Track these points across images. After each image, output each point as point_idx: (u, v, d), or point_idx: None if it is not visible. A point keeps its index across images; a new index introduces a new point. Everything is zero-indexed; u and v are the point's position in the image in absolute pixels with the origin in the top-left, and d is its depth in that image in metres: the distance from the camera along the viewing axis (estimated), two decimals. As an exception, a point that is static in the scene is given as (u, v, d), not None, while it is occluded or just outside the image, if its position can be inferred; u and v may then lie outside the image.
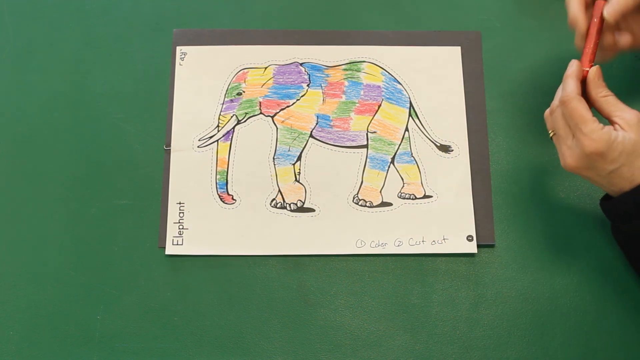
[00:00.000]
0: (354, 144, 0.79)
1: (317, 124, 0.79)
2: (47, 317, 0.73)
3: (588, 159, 0.66)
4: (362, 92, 0.80)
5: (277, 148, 0.78)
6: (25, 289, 0.74)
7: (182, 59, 0.81)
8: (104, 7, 0.83)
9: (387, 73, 0.80)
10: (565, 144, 0.67)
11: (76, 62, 0.81)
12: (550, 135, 0.70)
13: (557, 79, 0.81)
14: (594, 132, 0.64)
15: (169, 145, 0.78)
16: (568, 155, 0.67)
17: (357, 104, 0.79)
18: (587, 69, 0.68)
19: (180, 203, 0.76)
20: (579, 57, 0.77)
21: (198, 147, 0.78)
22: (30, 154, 0.78)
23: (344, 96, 0.80)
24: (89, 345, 0.72)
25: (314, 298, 0.74)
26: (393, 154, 0.78)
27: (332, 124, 0.79)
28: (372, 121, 0.79)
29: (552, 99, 0.80)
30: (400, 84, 0.80)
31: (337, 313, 0.74)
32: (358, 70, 0.80)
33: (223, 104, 0.79)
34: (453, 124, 0.79)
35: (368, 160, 0.78)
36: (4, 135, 0.78)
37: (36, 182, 0.77)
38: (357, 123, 0.79)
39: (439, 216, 0.76)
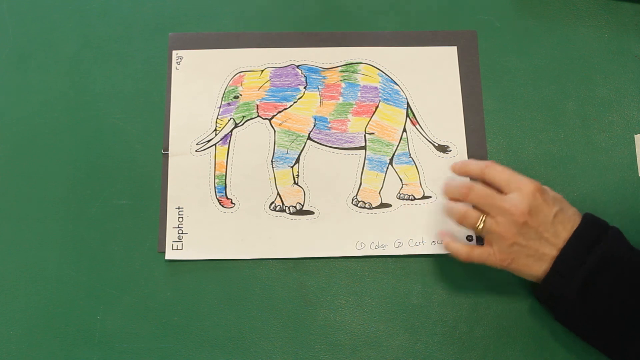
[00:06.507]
0: (352, 145, 0.78)
1: (314, 126, 0.79)
2: (47, 317, 0.73)
3: (534, 199, 0.68)
4: (359, 94, 0.80)
5: (275, 151, 0.78)
6: (25, 289, 0.74)
7: (178, 63, 0.80)
8: (104, 7, 0.83)
9: (383, 74, 0.80)
10: (503, 201, 0.69)
11: (76, 62, 0.81)
12: (480, 224, 0.70)
13: (556, 78, 0.81)
14: (526, 178, 0.69)
15: (166, 149, 0.78)
16: (513, 207, 0.68)
17: (355, 106, 0.79)
18: None
19: (179, 208, 0.76)
20: (577, 61, 0.77)
21: (196, 151, 0.78)
22: (30, 154, 0.78)
23: (341, 98, 0.79)
24: (89, 345, 0.72)
25: (314, 298, 0.74)
26: (391, 155, 0.78)
27: (329, 125, 0.79)
28: (370, 122, 0.79)
29: (550, 98, 0.81)
30: (397, 84, 0.80)
31: (337, 313, 0.74)
32: (354, 72, 0.80)
33: (220, 107, 0.79)
34: (451, 124, 0.79)
35: (366, 161, 0.78)
36: (4, 135, 0.78)
37: (36, 182, 0.77)
38: (355, 124, 0.79)
39: (439, 216, 0.76)
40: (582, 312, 0.67)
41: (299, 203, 0.77)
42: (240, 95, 0.80)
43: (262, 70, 0.80)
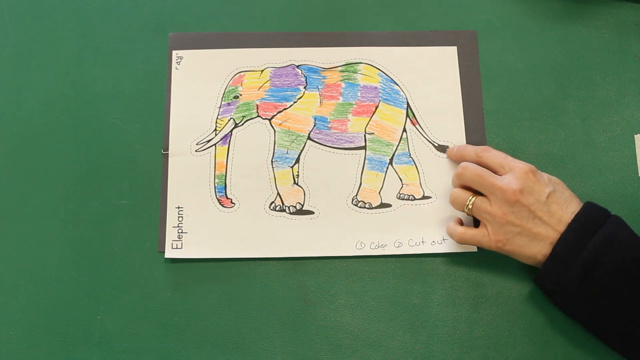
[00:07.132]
0: (352, 145, 0.78)
1: (314, 126, 0.79)
2: (47, 317, 0.73)
3: (527, 178, 0.69)
4: (359, 94, 0.80)
5: (275, 151, 0.78)
6: (25, 289, 0.74)
7: (178, 62, 0.80)
8: (104, 7, 0.83)
9: (383, 74, 0.80)
10: (496, 179, 0.69)
11: (76, 62, 0.81)
12: (469, 204, 0.71)
13: (556, 78, 0.81)
14: (519, 161, 0.71)
15: (166, 149, 0.78)
16: (505, 185, 0.68)
17: (355, 106, 0.79)
18: None
19: (179, 207, 0.76)
20: (577, 61, 0.77)
21: (196, 151, 0.78)
22: (30, 154, 0.78)
23: (341, 98, 0.79)
24: (89, 345, 0.72)
25: (314, 298, 0.74)
26: (391, 155, 0.78)
27: (329, 125, 0.79)
28: (370, 122, 0.79)
29: (550, 98, 0.81)
30: (397, 84, 0.80)
31: (337, 313, 0.74)
32: (354, 72, 0.80)
33: (220, 107, 0.79)
34: (451, 124, 0.79)
35: (366, 161, 0.78)
36: (4, 135, 0.78)
37: (36, 182, 0.77)
38: (355, 124, 0.79)
39: (439, 217, 0.76)
40: (582, 297, 0.67)
41: (299, 203, 0.77)
42: (240, 95, 0.80)
43: (262, 70, 0.80)
